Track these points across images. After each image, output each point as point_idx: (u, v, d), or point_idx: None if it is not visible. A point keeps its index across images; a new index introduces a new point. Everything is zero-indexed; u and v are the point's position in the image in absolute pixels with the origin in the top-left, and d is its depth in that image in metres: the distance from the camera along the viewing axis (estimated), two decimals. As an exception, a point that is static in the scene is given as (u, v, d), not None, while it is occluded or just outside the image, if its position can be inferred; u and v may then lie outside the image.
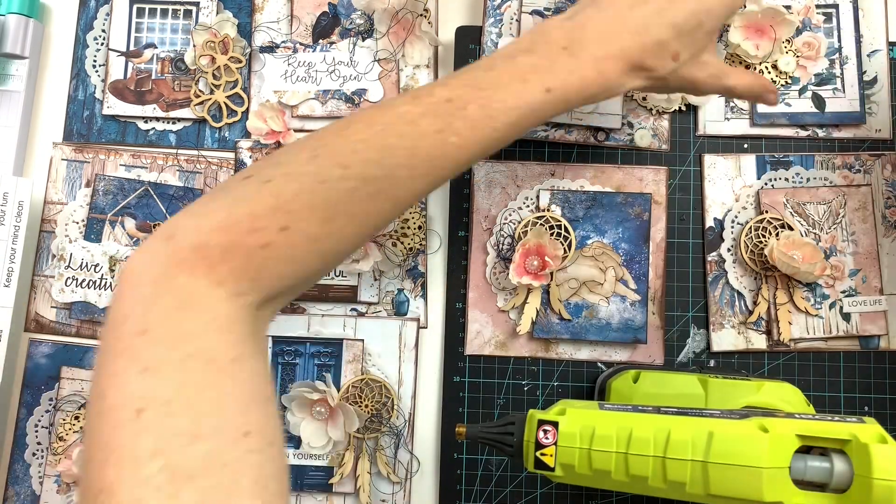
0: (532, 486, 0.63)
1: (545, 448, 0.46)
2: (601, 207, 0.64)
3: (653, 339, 0.63)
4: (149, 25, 0.69)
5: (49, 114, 0.69)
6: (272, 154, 0.44)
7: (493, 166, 0.65)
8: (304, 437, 0.62)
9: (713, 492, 0.42)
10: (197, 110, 0.68)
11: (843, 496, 0.41)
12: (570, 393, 0.64)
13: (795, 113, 0.65)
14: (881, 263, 0.63)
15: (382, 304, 0.66)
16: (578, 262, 0.64)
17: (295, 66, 0.68)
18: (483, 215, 0.65)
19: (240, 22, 0.68)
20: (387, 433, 0.64)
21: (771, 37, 0.64)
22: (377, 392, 0.64)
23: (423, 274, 0.66)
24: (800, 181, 0.64)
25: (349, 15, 0.68)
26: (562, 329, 0.63)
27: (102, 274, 0.66)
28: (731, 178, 0.65)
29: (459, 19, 0.69)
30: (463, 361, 0.64)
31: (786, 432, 0.42)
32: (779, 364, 0.63)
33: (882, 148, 0.64)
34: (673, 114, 0.65)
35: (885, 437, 0.41)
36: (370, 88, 0.67)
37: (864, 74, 0.65)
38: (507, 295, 0.64)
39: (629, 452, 0.44)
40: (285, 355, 0.65)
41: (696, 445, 0.42)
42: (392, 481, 0.64)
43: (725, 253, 0.64)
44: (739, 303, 0.63)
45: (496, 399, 0.64)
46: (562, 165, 0.65)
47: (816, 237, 0.63)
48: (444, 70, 0.68)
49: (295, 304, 0.66)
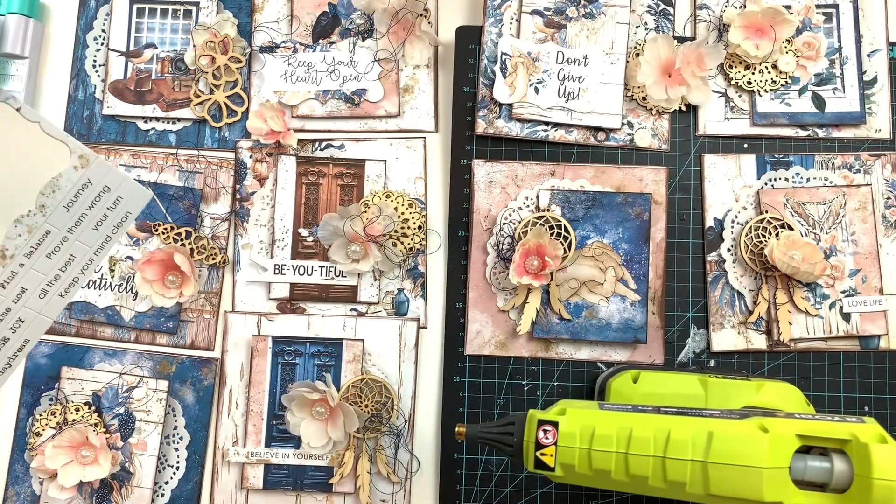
0: (532, 486, 0.63)
1: (545, 448, 0.46)
2: (601, 207, 0.64)
3: (653, 339, 0.63)
4: (149, 25, 0.69)
5: (49, 114, 0.69)
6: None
7: (493, 166, 0.65)
8: (304, 437, 0.62)
9: (713, 492, 0.42)
10: (197, 110, 0.68)
11: (843, 496, 0.41)
12: (570, 393, 0.64)
13: (795, 113, 0.65)
14: (881, 263, 0.63)
15: (382, 304, 0.66)
16: (578, 262, 0.64)
17: (295, 66, 0.68)
18: (483, 215, 0.65)
19: (240, 22, 0.68)
20: (387, 433, 0.64)
21: (771, 37, 0.64)
22: (377, 392, 0.64)
23: (423, 274, 0.66)
24: (800, 181, 0.64)
25: (349, 15, 0.68)
26: (562, 329, 0.63)
27: (102, 274, 0.66)
28: (731, 178, 0.65)
29: (459, 19, 0.69)
30: (463, 361, 0.64)
31: (786, 432, 0.42)
32: (779, 364, 0.63)
33: (882, 148, 0.64)
34: (673, 114, 0.65)
35: (885, 437, 0.41)
36: (370, 88, 0.67)
37: (864, 74, 0.65)
38: (507, 295, 0.64)
39: (629, 452, 0.44)
40: (285, 355, 0.65)
41: (696, 445, 0.42)
42: (392, 481, 0.64)
43: (725, 253, 0.64)
44: (739, 303, 0.63)
45: (496, 399, 0.64)
46: (562, 165, 0.65)
47: (816, 237, 0.63)
48: (444, 70, 0.68)
49: (295, 304, 0.66)
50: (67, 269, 0.44)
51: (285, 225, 0.67)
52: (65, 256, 0.44)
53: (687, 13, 0.67)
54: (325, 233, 0.64)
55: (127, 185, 0.44)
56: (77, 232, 0.43)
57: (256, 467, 0.64)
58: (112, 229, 0.45)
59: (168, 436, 0.65)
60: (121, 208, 0.44)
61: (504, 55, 0.64)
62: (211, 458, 0.65)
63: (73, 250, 0.44)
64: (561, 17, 0.65)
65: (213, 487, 0.65)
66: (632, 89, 0.65)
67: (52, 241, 0.43)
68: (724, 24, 0.65)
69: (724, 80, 0.66)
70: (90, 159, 0.42)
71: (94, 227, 0.44)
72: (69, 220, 0.43)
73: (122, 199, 0.44)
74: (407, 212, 0.66)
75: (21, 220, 0.42)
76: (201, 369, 0.66)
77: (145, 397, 0.65)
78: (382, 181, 0.67)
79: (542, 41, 0.65)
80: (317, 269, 0.66)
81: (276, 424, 0.65)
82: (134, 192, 0.45)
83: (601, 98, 0.64)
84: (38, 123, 0.41)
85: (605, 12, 0.65)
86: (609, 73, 0.65)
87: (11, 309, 0.43)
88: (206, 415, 0.66)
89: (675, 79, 0.64)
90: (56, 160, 0.42)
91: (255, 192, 0.67)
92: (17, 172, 0.42)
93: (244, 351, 0.66)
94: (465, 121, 0.66)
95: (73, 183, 0.42)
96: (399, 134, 0.68)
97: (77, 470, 0.63)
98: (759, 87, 0.65)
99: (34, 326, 0.44)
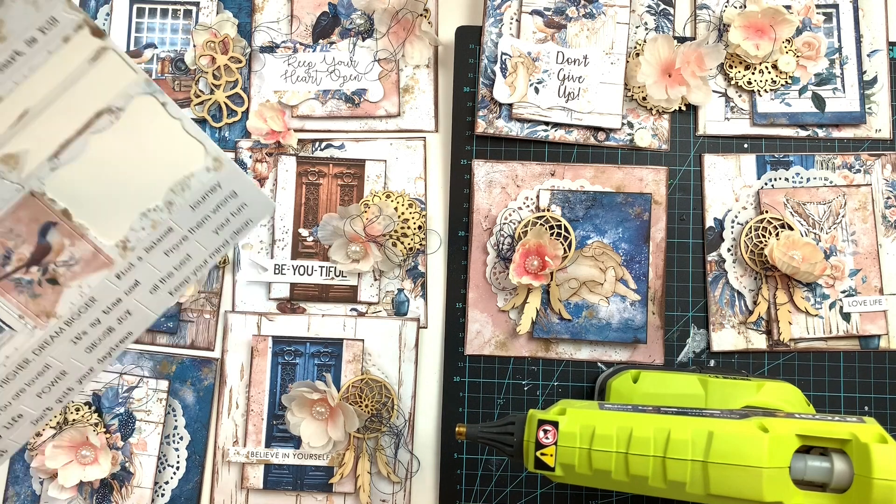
0: (532, 486, 0.63)
1: (545, 448, 0.46)
2: (601, 207, 0.64)
3: (653, 339, 0.63)
4: (149, 25, 0.69)
5: (49, 114, 0.69)
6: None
7: (493, 166, 0.65)
8: (304, 437, 0.62)
9: (713, 492, 0.42)
10: (197, 110, 0.68)
11: (843, 496, 0.41)
12: (570, 393, 0.64)
13: (795, 113, 0.65)
14: (881, 263, 0.63)
15: (382, 304, 0.66)
16: (578, 262, 0.64)
17: (295, 66, 0.68)
18: (483, 215, 0.65)
19: (240, 22, 0.68)
20: (387, 433, 0.64)
21: (771, 37, 0.64)
22: (377, 392, 0.64)
23: (423, 274, 0.66)
24: (800, 181, 0.64)
25: (349, 15, 0.68)
26: (562, 329, 0.63)
27: (102, 274, 0.66)
28: (731, 178, 0.65)
29: (459, 19, 0.69)
30: (463, 361, 0.64)
31: (786, 432, 0.42)
32: (779, 364, 0.63)
33: (882, 148, 0.64)
34: (673, 114, 0.65)
35: (885, 437, 0.41)
36: (370, 88, 0.67)
37: (864, 74, 0.65)
38: (507, 295, 0.64)
39: (629, 452, 0.44)
40: (285, 355, 0.65)
41: (696, 445, 0.42)
42: (392, 481, 0.64)
43: (725, 253, 0.64)
44: (739, 303, 0.63)
45: (496, 399, 0.64)
46: (562, 165, 0.65)
47: (816, 237, 0.63)
48: (444, 70, 0.68)
49: (295, 304, 0.66)
50: (181, 268, 0.44)
51: (285, 225, 0.67)
52: (181, 255, 0.43)
53: (687, 13, 0.67)
54: (325, 233, 0.64)
55: (253, 193, 0.44)
56: (198, 233, 0.43)
57: (256, 467, 0.64)
58: (231, 235, 0.44)
59: (168, 436, 0.65)
60: (244, 215, 0.44)
61: (504, 55, 0.64)
62: (211, 458, 0.65)
63: (190, 250, 0.44)
64: (561, 17, 0.65)
65: (213, 487, 0.65)
66: (632, 89, 0.65)
67: (172, 238, 0.43)
68: (724, 24, 0.65)
69: (724, 80, 0.66)
70: (224, 163, 0.42)
71: (214, 230, 0.44)
72: (193, 220, 0.43)
73: (246, 207, 0.44)
74: (407, 212, 0.66)
75: (147, 213, 0.42)
76: (201, 369, 0.66)
77: (145, 397, 0.65)
78: (382, 181, 0.67)
79: (542, 41, 0.65)
80: (317, 269, 0.66)
81: (277, 424, 0.65)
82: (259, 201, 0.44)
83: (601, 98, 0.64)
84: (181, 121, 0.41)
85: (605, 12, 0.65)
86: (609, 73, 0.65)
87: (122, 300, 0.43)
88: (206, 415, 0.66)
89: (675, 79, 0.64)
90: (190, 159, 0.42)
91: (255, 192, 0.67)
92: (150, 166, 0.42)
93: (244, 351, 0.66)
94: (465, 121, 0.66)
95: (203, 184, 0.42)
96: (399, 134, 0.68)
97: (77, 470, 0.63)
98: (759, 87, 0.65)
99: (139, 320, 0.44)
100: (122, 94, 0.40)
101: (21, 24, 0.38)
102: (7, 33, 0.38)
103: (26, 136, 0.40)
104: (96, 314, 0.42)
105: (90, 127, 0.40)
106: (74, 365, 0.43)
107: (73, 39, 0.39)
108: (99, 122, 0.40)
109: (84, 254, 0.42)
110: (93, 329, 0.43)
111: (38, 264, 0.41)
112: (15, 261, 0.41)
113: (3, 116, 0.39)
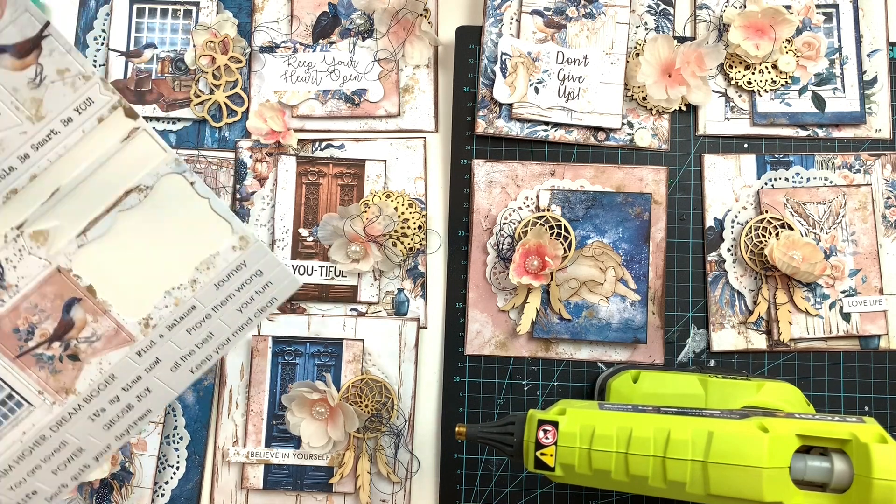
0: (532, 486, 0.63)
1: (545, 448, 0.46)
2: (601, 207, 0.64)
3: (653, 339, 0.63)
4: (149, 25, 0.69)
5: (49, 114, 0.69)
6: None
7: (493, 166, 0.65)
8: (304, 437, 0.62)
9: (713, 492, 0.42)
10: (197, 110, 0.68)
11: (843, 496, 0.41)
12: (570, 393, 0.64)
13: (795, 113, 0.65)
14: (881, 263, 0.63)
15: (382, 304, 0.66)
16: (578, 262, 0.64)
17: (295, 66, 0.68)
18: (483, 215, 0.65)
19: (240, 22, 0.68)
20: (387, 433, 0.64)
21: (771, 37, 0.64)
22: (377, 392, 0.64)
23: (423, 274, 0.66)
24: (800, 181, 0.64)
25: (349, 15, 0.68)
26: (562, 329, 0.63)
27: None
28: (731, 178, 0.65)
29: (459, 19, 0.69)
30: (463, 361, 0.64)
31: (786, 432, 0.42)
32: (779, 364, 0.63)
33: (882, 148, 0.64)
34: (673, 114, 0.65)
35: (885, 437, 0.41)
36: (370, 88, 0.67)
37: (864, 74, 0.65)
38: (507, 295, 0.64)
39: (629, 452, 0.44)
40: (285, 355, 0.65)
41: (696, 445, 0.42)
42: (392, 481, 0.64)
43: (725, 253, 0.64)
44: (739, 303, 0.63)
45: (496, 399, 0.64)
46: (562, 165, 0.65)
47: (816, 237, 0.63)
48: (444, 70, 0.68)
49: (295, 304, 0.66)
50: (204, 346, 0.43)
51: (285, 225, 0.67)
52: (203, 333, 0.43)
53: (687, 13, 0.67)
54: (325, 233, 0.64)
55: (279, 272, 0.44)
56: (221, 311, 0.43)
57: (256, 467, 0.64)
58: (255, 313, 0.44)
59: (168, 436, 0.65)
60: (268, 293, 0.44)
61: (504, 55, 0.64)
62: (211, 458, 0.65)
63: (213, 328, 0.43)
64: (561, 17, 0.65)
65: (213, 487, 0.65)
66: (632, 89, 0.65)
67: (195, 316, 0.43)
68: (724, 24, 0.65)
69: (724, 80, 0.66)
70: (249, 241, 0.42)
71: (238, 309, 0.43)
72: (217, 298, 0.43)
73: (271, 285, 0.44)
74: (407, 212, 0.66)
75: (171, 291, 0.42)
76: (201, 369, 0.66)
77: (145, 397, 0.65)
78: (382, 181, 0.67)
79: (542, 41, 0.65)
80: (317, 269, 0.66)
81: (276, 424, 0.65)
82: (284, 279, 0.44)
83: (601, 98, 0.64)
84: (208, 200, 0.41)
85: (605, 12, 0.65)
86: (609, 73, 0.65)
87: (142, 378, 0.42)
88: (206, 415, 0.66)
89: (675, 79, 0.64)
90: (216, 238, 0.42)
91: (255, 191, 0.67)
92: (176, 244, 0.42)
93: (244, 351, 0.66)
94: (465, 121, 0.66)
95: (229, 263, 0.42)
96: (399, 134, 0.68)
97: (77, 470, 0.63)
98: (759, 87, 0.65)
99: (158, 397, 0.43)
100: (152, 172, 0.40)
101: (59, 104, 0.38)
102: (45, 112, 0.38)
103: (57, 213, 0.40)
104: (115, 391, 0.42)
105: (118, 205, 0.40)
106: (91, 442, 0.43)
107: (108, 120, 0.39)
108: (127, 199, 0.40)
109: (106, 330, 0.42)
110: (111, 406, 0.42)
111: (60, 340, 0.41)
112: (38, 336, 0.41)
113: (36, 193, 0.39)
